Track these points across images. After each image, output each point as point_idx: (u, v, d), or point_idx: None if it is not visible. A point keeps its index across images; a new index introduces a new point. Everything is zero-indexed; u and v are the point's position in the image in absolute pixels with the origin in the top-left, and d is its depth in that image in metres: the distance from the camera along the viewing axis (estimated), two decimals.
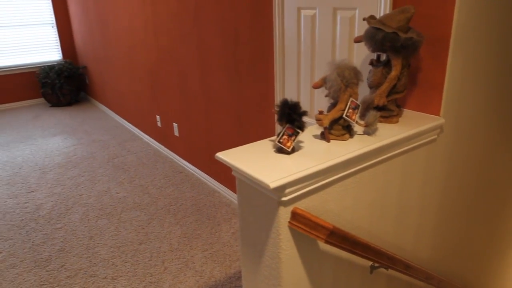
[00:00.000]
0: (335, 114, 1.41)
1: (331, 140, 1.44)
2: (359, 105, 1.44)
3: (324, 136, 1.44)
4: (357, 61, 2.01)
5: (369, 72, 1.67)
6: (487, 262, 2.49)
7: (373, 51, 1.59)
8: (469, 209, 2.12)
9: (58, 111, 6.27)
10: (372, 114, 1.46)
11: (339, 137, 1.44)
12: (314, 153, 1.34)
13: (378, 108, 1.59)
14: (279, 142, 1.31)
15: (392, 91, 1.59)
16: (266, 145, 1.41)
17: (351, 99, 1.41)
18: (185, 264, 2.62)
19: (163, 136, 4.33)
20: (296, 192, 1.24)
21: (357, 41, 1.69)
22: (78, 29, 6.38)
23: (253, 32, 2.63)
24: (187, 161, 3.95)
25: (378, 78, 1.62)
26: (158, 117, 4.32)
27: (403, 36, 1.48)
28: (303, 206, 1.28)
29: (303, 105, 2.34)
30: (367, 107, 1.59)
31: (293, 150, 1.35)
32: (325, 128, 1.42)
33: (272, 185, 1.14)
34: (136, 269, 2.59)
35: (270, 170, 1.22)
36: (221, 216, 3.14)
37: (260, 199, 1.28)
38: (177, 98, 3.82)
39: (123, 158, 4.32)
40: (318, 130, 1.51)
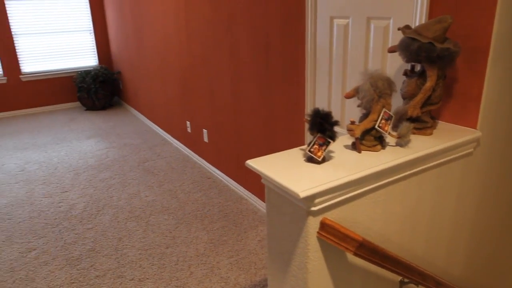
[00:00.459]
0: (367, 124, 1.39)
1: (362, 151, 1.42)
2: (392, 116, 1.42)
3: (356, 147, 1.42)
4: (390, 71, 1.98)
5: (403, 83, 1.64)
6: None
7: (408, 61, 1.57)
8: (505, 226, 2.04)
9: (92, 115, 6.47)
10: (405, 126, 1.43)
11: (370, 148, 1.42)
12: (345, 164, 1.32)
13: (412, 120, 1.56)
14: (309, 151, 1.31)
15: (427, 102, 1.55)
16: (296, 154, 1.40)
17: (384, 109, 1.39)
18: (210, 270, 2.63)
19: (193, 142, 4.39)
20: (325, 203, 1.23)
21: (391, 51, 1.66)
22: (114, 35, 6.58)
23: (284, 41, 2.64)
24: (215, 167, 3.98)
25: (412, 89, 1.59)
26: (188, 123, 4.39)
27: (440, 46, 1.45)
28: (332, 216, 1.27)
29: (334, 114, 2.33)
30: (400, 118, 1.56)
31: (324, 160, 1.34)
32: (356, 139, 1.40)
33: (302, 195, 1.13)
34: (163, 272, 2.62)
35: (300, 179, 1.21)
36: (247, 223, 3.14)
37: (289, 208, 1.28)
38: (207, 105, 3.87)
39: (153, 162, 4.40)
40: (349, 141, 1.49)
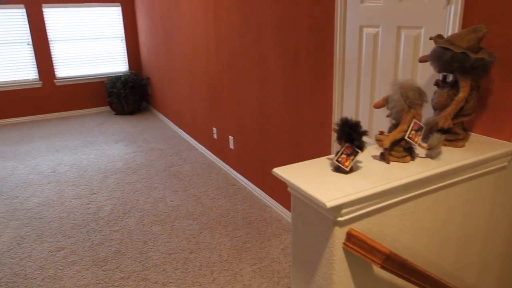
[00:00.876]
0: (396, 135, 1.37)
1: (391, 162, 1.40)
2: (422, 127, 1.39)
3: (384, 157, 1.40)
4: (421, 81, 1.94)
5: (434, 93, 1.61)
6: None
7: (439, 71, 1.54)
8: None
9: (121, 119, 6.62)
10: (436, 137, 1.40)
11: (399, 159, 1.40)
12: (373, 174, 1.30)
13: (443, 131, 1.52)
14: (337, 161, 1.30)
15: (459, 113, 1.52)
16: (323, 163, 1.39)
17: (414, 120, 1.37)
18: (233, 276, 2.63)
19: (219, 148, 4.43)
20: (352, 213, 1.21)
21: (422, 60, 1.64)
22: (145, 42, 6.74)
23: (313, 50, 2.63)
24: (240, 174, 4.00)
25: (443, 100, 1.55)
26: (214, 129, 4.43)
27: (473, 56, 1.42)
28: (359, 228, 1.25)
29: (362, 124, 2.30)
30: (431, 129, 1.53)
31: (351, 170, 1.32)
32: (385, 149, 1.38)
33: (329, 204, 1.12)
34: (186, 277, 2.64)
35: (327, 189, 1.20)
36: (271, 231, 3.13)
37: (315, 217, 1.27)
38: (234, 112, 3.90)
39: (179, 167, 4.46)
40: (378, 151, 1.47)
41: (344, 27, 2.37)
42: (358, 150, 1.30)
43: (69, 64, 6.83)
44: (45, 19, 6.46)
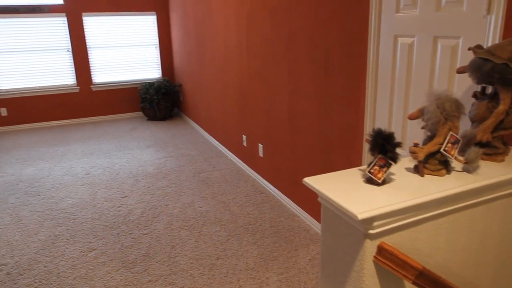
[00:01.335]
0: (431, 147, 1.34)
1: (425, 175, 1.36)
2: (459, 140, 1.35)
3: (418, 170, 1.37)
4: (458, 92, 1.89)
5: (472, 105, 1.56)
6: None
7: (478, 83, 1.49)
8: None
9: (153, 125, 6.76)
10: (474, 151, 1.36)
11: (434, 172, 1.36)
12: (406, 187, 1.27)
13: (481, 145, 1.47)
14: (369, 172, 1.27)
15: (499, 127, 1.46)
16: (355, 174, 1.37)
17: (450, 133, 1.33)
18: (259, 285, 2.62)
19: (248, 156, 4.44)
20: (384, 226, 1.19)
21: (460, 71, 1.59)
22: (178, 50, 6.88)
23: (345, 59, 2.61)
24: (269, 182, 3.99)
25: (482, 112, 1.50)
26: (244, 136, 4.46)
27: None
28: (390, 241, 1.22)
29: (395, 135, 2.26)
30: (468, 142, 1.48)
31: (384, 182, 1.30)
32: (419, 162, 1.35)
33: (360, 216, 1.10)
34: (212, 283, 2.65)
35: (359, 200, 1.18)
36: (299, 241, 3.10)
37: (346, 229, 1.25)
38: (264, 120, 3.91)
39: (208, 173, 4.50)
40: (412, 163, 1.44)
41: (378, 36, 2.34)
42: (391, 162, 1.27)
43: (105, 70, 7.06)
44: (84, 27, 6.72)
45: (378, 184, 1.29)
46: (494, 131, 1.47)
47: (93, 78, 6.99)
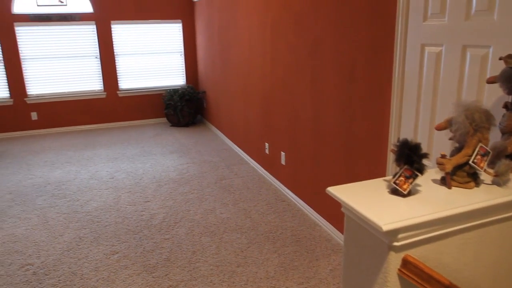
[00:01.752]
0: (459, 159, 1.30)
1: (452, 187, 1.32)
2: (489, 152, 1.31)
3: (445, 182, 1.33)
4: (487, 103, 1.84)
5: (503, 116, 1.52)
6: None
7: (509, 93, 1.45)
8: None
9: (176, 131, 6.85)
10: (504, 163, 1.32)
11: (462, 184, 1.32)
12: (433, 199, 1.24)
13: None
14: (395, 183, 1.25)
15: None
16: (379, 185, 1.35)
17: (480, 144, 1.29)
18: None
19: (270, 164, 4.44)
20: (409, 239, 1.16)
21: (490, 81, 1.55)
22: (202, 57, 6.97)
23: (370, 67, 2.59)
24: (291, 190, 3.97)
25: None
26: (266, 144, 4.46)
27: None
28: (416, 254, 1.19)
29: (422, 146, 2.21)
30: (499, 154, 1.43)
31: (409, 194, 1.27)
32: (447, 174, 1.31)
33: (385, 228, 1.08)
34: None
35: (383, 211, 1.16)
36: (320, 250, 3.06)
37: (369, 240, 1.23)
38: (287, 128, 3.91)
39: (230, 180, 4.52)
40: (438, 175, 1.40)
41: (405, 45, 2.31)
42: (417, 173, 1.25)
43: (131, 77, 7.21)
44: (112, 34, 6.89)
45: (404, 196, 1.26)
46: None
47: (119, 84, 7.15)
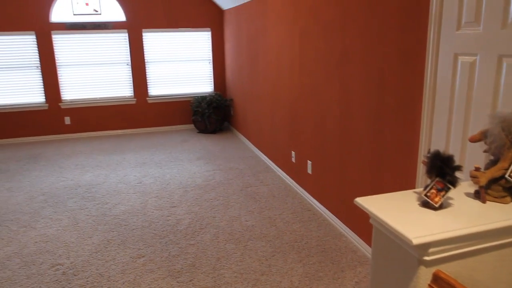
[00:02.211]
0: (495, 172, 1.26)
1: (487, 202, 1.28)
2: None
3: (479, 196, 1.29)
4: None
5: None
6: None
7: None
8: None
9: (203, 137, 6.92)
10: None
11: (497, 199, 1.28)
12: (465, 214, 1.20)
13: None
14: (426, 195, 1.22)
15: None
16: (409, 197, 1.32)
17: None
18: None
19: (296, 172, 4.42)
20: (440, 254, 1.13)
21: None
22: (230, 65, 7.04)
23: (400, 77, 2.55)
24: (316, 199, 3.94)
25: None
26: (293, 152, 4.44)
27: None
28: (447, 270, 1.16)
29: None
30: None
31: (441, 207, 1.23)
32: (481, 187, 1.27)
33: (415, 241, 1.06)
34: None
35: (413, 224, 1.14)
36: (346, 262, 3.01)
37: (399, 254, 1.20)
38: (314, 136, 3.88)
39: (256, 188, 4.52)
40: (472, 189, 1.36)
41: (437, 54, 2.26)
42: (450, 186, 1.21)
43: (160, 84, 7.36)
44: (143, 42, 7.06)
45: (435, 209, 1.23)
46: None
47: (149, 91, 7.31)
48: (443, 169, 1.20)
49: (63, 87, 6.92)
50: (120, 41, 6.98)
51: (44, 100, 6.87)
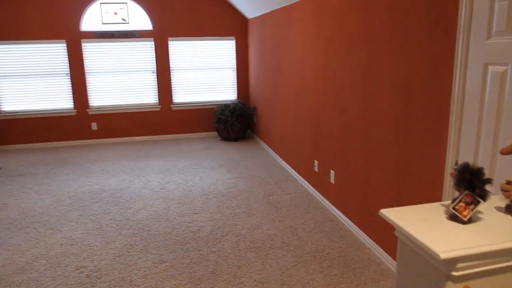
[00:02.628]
0: None
1: None
2: None
3: (511, 211, 1.25)
4: None
5: None
6: None
7: None
8: None
9: (226, 145, 6.96)
10: None
11: None
12: (496, 228, 1.17)
13: None
14: (454, 208, 1.19)
15: None
16: (436, 209, 1.29)
17: None
18: None
19: (319, 182, 4.38)
20: (469, 269, 1.09)
21: None
22: (254, 73, 7.08)
23: (427, 87, 2.50)
24: (339, 210, 3.89)
25: None
26: (316, 162, 4.41)
27: None
28: (476, 286, 1.12)
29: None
30: None
31: (470, 221, 1.20)
32: None
33: (443, 256, 1.03)
34: None
35: (441, 238, 1.11)
36: (369, 274, 2.95)
37: (425, 268, 1.16)
38: (337, 146, 3.85)
39: (278, 197, 4.50)
40: (503, 203, 1.32)
41: (466, 64, 2.21)
42: (479, 199, 1.18)
43: (184, 91, 7.46)
44: (169, 50, 7.19)
45: (464, 222, 1.19)
46: None
47: (173, 98, 7.42)
48: (472, 182, 1.17)
49: (91, 93, 7.11)
50: (147, 49, 7.13)
51: (73, 106, 7.07)
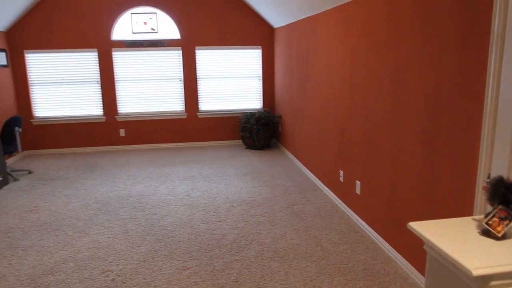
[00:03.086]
0: None
1: None
2: None
3: None
4: None
5: None
6: None
7: None
8: None
9: (251, 153, 6.97)
10: None
11: None
12: None
13: None
14: (487, 223, 1.15)
15: None
16: (468, 224, 1.25)
17: None
18: None
19: (344, 192, 4.32)
20: (504, 287, 1.04)
21: None
22: (279, 82, 7.09)
23: (458, 97, 2.44)
24: (365, 221, 3.82)
25: None
26: (341, 172, 4.36)
27: None
28: None
29: None
30: None
31: (504, 237, 1.15)
32: None
33: (475, 273, 0.99)
34: None
35: (473, 254, 1.07)
36: None
37: (455, 285, 1.12)
38: (363, 156, 3.79)
39: (302, 206, 4.47)
40: None
41: (499, 74, 2.14)
42: None
43: (210, 99, 7.54)
44: (196, 59, 7.30)
45: (497, 238, 1.15)
46: None
47: (199, 106, 7.51)
48: (507, 196, 1.13)
49: (120, 100, 7.28)
50: (174, 57, 7.26)
51: (102, 112, 7.25)
